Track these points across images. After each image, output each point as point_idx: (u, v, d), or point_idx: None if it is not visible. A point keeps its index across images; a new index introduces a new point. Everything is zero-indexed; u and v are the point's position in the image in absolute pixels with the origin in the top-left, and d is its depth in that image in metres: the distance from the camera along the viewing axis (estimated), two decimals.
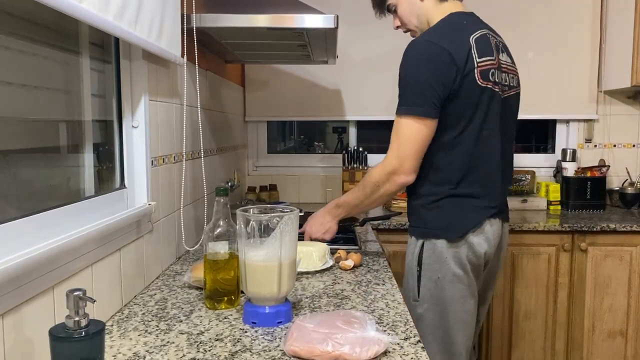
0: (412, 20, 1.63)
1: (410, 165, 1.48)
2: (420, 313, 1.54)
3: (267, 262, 1.16)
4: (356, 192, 1.62)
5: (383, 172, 1.51)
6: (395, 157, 1.49)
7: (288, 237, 1.17)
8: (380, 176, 1.52)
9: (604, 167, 2.97)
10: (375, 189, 1.55)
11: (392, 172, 1.49)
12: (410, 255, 1.58)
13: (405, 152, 1.47)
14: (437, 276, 1.52)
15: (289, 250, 1.18)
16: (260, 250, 1.16)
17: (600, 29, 2.99)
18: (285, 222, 1.16)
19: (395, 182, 1.50)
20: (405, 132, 1.46)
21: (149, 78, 1.46)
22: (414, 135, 1.46)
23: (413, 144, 1.47)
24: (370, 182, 1.55)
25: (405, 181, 1.50)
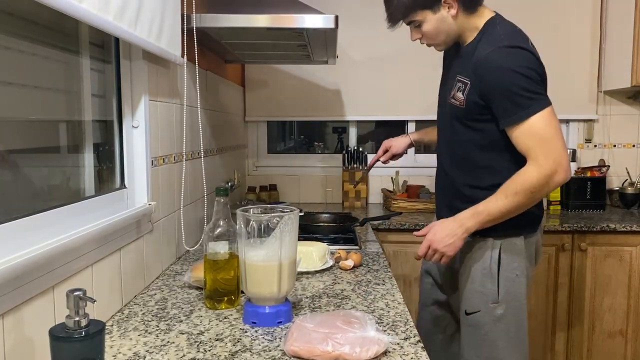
0: (439, 36, 1.54)
1: (566, 160, 1.42)
2: (501, 314, 1.53)
3: (267, 262, 1.16)
4: (502, 201, 1.44)
5: (542, 177, 1.40)
6: (549, 157, 1.40)
7: (288, 237, 1.17)
8: (539, 182, 1.41)
9: (604, 167, 2.97)
10: (530, 196, 1.43)
11: (551, 174, 1.40)
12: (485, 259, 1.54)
13: (556, 149, 1.41)
14: (516, 274, 1.54)
15: (289, 250, 1.18)
16: (260, 250, 1.16)
17: (600, 29, 2.98)
18: (285, 222, 1.16)
19: (556, 182, 1.42)
20: (545, 128, 1.40)
21: (149, 78, 1.46)
22: (554, 127, 1.41)
23: (557, 137, 1.41)
24: (524, 190, 1.42)
25: (565, 179, 1.43)
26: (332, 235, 2.08)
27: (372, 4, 2.93)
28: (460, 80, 1.52)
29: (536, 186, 1.41)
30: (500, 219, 1.46)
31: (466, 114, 1.52)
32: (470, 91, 1.48)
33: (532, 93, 1.40)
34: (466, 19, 1.51)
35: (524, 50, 1.43)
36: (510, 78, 1.40)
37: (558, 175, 1.40)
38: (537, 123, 1.40)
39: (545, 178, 1.40)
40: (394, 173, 3.00)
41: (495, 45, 1.44)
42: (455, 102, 1.55)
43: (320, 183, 3.17)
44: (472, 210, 1.48)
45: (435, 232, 1.52)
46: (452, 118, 1.58)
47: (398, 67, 3.03)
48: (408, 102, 3.05)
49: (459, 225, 1.49)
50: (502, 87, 1.41)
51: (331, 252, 1.74)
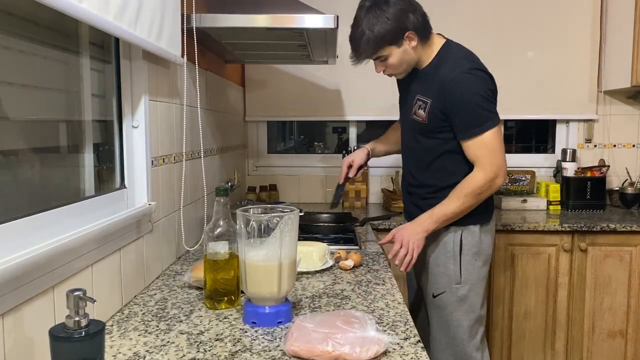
0: (402, 66, 1.74)
1: (505, 168, 1.71)
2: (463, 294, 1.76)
3: (267, 262, 1.16)
4: (455, 203, 1.70)
5: (486, 181, 1.67)
6: (494, 165, 1.67)
7: (288, 237, 1.17)
8: (484, 184, 1.68)
9: (604, 167, 2.97)
10: (478, 197, 1.70)
11: (493, 178, 1.68)
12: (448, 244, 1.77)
13: (500, 159, 1.68)
14: (475, 258, 1.77)
15: (289, 250, 1.18)
16: (260, 250, 1.16)
17: (600, 29, 2.98)
18: (285, 222, 1.16)
19: (497, 185, 1.70)
20: (494, 142, 1.67)
21: (149, 78, 1.46)
22: (500, 141, 1.69)
23: (501, 149, 1.70)
24: (473, 192, 1.69)
25: (502, 183, 1.72)
26: (332, 235, 2.08)
27: None
28: (421, 99, 1.75)
29: (482, 188, 1.68)
30: (454, 218, 1.72)
31: (427, 128, 1.75)
32: (432, 108, 1.71)
33: (489, 112, 1.66)
34: (422, 48, 1.72)
35: (484, 73, 1.68)
36: (474, 100, 1.65)
37: (498, 179, 1.69)
38: (488, 137, 1.66)
39: (489, 182, 1.68)
40: (394, 173, 3.00)
41: (460, 69, 1.66)
42: (417, 119, 1.77)
43: (320, 183, 3.17)
44: (430, 213, 1.73)
45: (402, 235, 1.73)
46: (414, 131, 1.81)
47: None
48: None
49: (419, 226, 1.73)
50: (466, 106, 1.65)
51: (331, 252, 1.74)
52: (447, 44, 1.76)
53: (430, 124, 1.74)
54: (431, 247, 1.80)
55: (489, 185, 1.69)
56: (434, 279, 1.80)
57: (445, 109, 1.69)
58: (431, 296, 1.80)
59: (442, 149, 1.76)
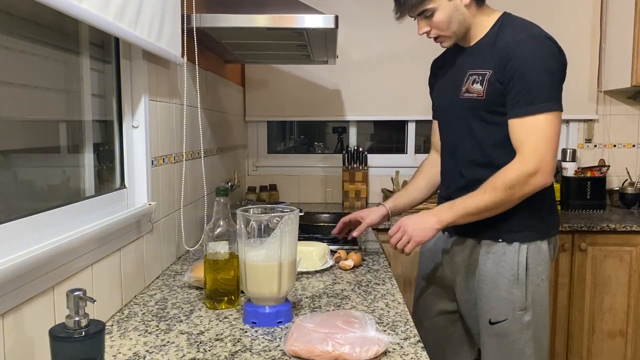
0: (452, 26, 1.47)
1: (553, 166, 1.40)
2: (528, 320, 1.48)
3: (267, 262, 1.16)
4: (481, 196, 1.41)
5: (521, 174, 1.37)
6: (536, 157, 1.37)
7: (288, 237, 1.17)
8: (519, 178, 1.37)
9: (604, 167, 2.97)
10: (509, 193, 1.39)
11: (532, 173, 1.37)
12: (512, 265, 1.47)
13: (547, 152, 1.38)
14: (541, 278, 1.50)
15: (289, 250, 1.18)
16: (260, 250, 1.16)
17: (600, 29, 2.99)
18: (285, 222, 1.16)
19: (534, 184, 1.38)
20: (547, 130, 1.37)
21: (149, 78, 1.46)
22: (557, 132, 1.39)
23: (554, 142, 1.39)
24: (503, 185, 1.39)
25: (544, 183, 1.39)
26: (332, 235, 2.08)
27: (372, 4, 2.95)
28: (476, 73, 1.47)
29: (515, 182, 1.37)
30: (478, 214, 1.43)
31: (486, 105, 1.45)
32: (491, 79, 1.43)
33: (552, 91, 1.38)
34: (475, 12, 1.48)
35: (554, 44, 1.42)
36: (538, 68, 1.37)
37: (539, 176, 1.37)
38: (541, 121, 1.37)
39: (525, 176, 1.37)
40: (394, 173, 3.00)
41: (527, 32, 1.41)
42: (471, 95, 1.48)
43: (320, 183, 3.17)
44: (449, 203, 1.46)
45: (410, 218, 1.49)
46: (467, 116, 1.50)
47: (398, 67, 3.03)
48: (408, 102, 3.05)
49: (433, 214, 1.47)
50: (527, 75, 1.37)
51: (331, 252, 1.74)
52: (507, 14, 1.51)
53: (489, 99, 1.44)
54: (488, 268, 1.50)
55: (525, 181, 1.37)
56: (491, 303, 1.50)
57: (505, 77, 1.40)
58: (487, 322, 1.51)
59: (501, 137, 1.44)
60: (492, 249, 1.50)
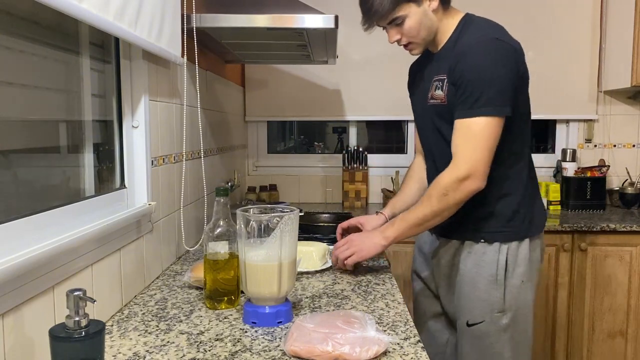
0: (421, 33, 1.47)
1: (484, 170, 1.38)
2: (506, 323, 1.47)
3: (267, 262, 1.16)
4: (418, 207, 1.44)
5: (453, 179, 1.37)
6: (468, 161, 1.37)
7: (288, 237, 1.17)
8: (450, 183, 1.38)
9: (604, 167, 2.97)
10: (442, 199, 1.39)
11: (464, 177, 1.37)
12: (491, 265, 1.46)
13: (480, 156, 1.37)
14: (522, 280, 1.47)
15: (289, 250, 1.18)
16: (260, 250, 1.16)
17: (600, 29, 2.98)
18: (285, 222, 1.16)
19: (466, 189, 1.38)
20: (483, 134, 1.36)
21: (149, 78, 1.46)
22: (493, 137, 1.37)
23: (490, 146, 1.37)
24: (437, 193, 1.40)
25: (477, 188, 1.38)
26: (332, 235, 2.08)
27: None
28: (438, 79, 1.48)
29: (448, 188, 1.38)
30: (420, 225, 1.45)
31: (449, 109, 1.44)
32: (448, 83, 1.43)
33: (495, 95, 1.35)
34: (442, 16, 1.47)
35: (510, 47, 1.38)
36: (483, 72, 1.35)
37: (470, 181, 1.37)
38: (476, 125, 1.36)
39: (457, 181, 1.37)
40: (394, 173, 3.00)
41: (480, 35, 1.39)
42: (435, 102, 1.49)
43: (320, 183, 3.17)
44: (393, 220, 1.51)
45: (359, 234, 1.54)
46: (434, 119, 1.52)
47: (398, 67, 3.01)
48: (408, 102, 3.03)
49: (379, 231, 1.51)
50: (471, 77, 1.36)
51: (331, 252, 1.74)
52: (468, 16, 1.49)
53: (450, 103, 1.44)
54: (468, 268, 1.49)
55: (457, 186, 1.37)
56: (469, 304, 1.49)
57: (455, 79, 1.40)
58: (464, 324, 1.50)
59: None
60: (473, 249, 1.49)
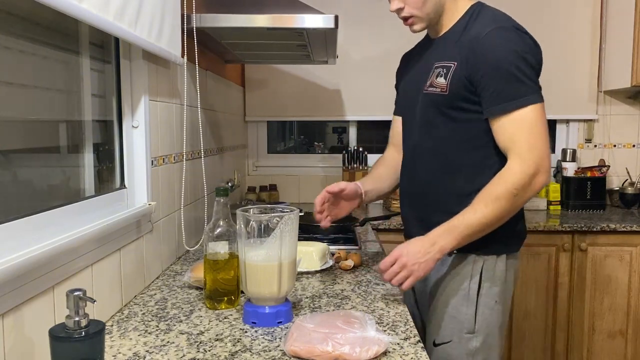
0: (427, 6, 1.35)
1: (549, 163, 1.28)
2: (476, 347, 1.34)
3: (267, 262, 1.16)
4: (483, 210, 1.25)
5: (524, 177, 1.24)
6: (534, 155, 1.25)
7: (288, 237, 1.17)
8: (522, 182, 1.24)
9: (604, 167, 2.97)
10: (513, 200, 1.25)
11: (534, 173, 1.24)
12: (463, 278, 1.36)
13: (544, 147, 1.26)
14: (495, 300, 1.36)
15: (289, 250, 1.18)
16: (260, 250, 1.16)
17: (600, 29, 2.98)
18: (285, 222, 1.16)
19: (537, 186, 1.26)
20: (537, 124, 1.25)
21: (149, 78, 1.46)
22: (545, 126, 1.27)
23: (546, 136, 1.27)
24: (507, 193, 1.24)
25: (545, 182, 1.27)
26: (332, 235, 2.08)
27: (372, 4, 2.95)
28: (441, 65, 1.35)
29: (519, 186, 1.24)
30: (480, 232, 1.27)
31: (449, 101, 1.33)
32: (456, 72, 1.30)
33: (532, 82, 1.26)
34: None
35: (527, 36, 1.30)
36: (513, 59, 1.25)
37: (540, 176, 1.25)
38: (528, 115, 1.25)
39: (528, 177, 1.24)
40: None
41: (496, 25, 1.29)
42: (434, 90, 1.35)
43: (320, 183, 3.17)
44: (447, 225, 1.27)
45: (405, 247, 1.29)
46: (427, 111, 1.38)
47: None
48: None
49: (431, 243, 1.26)
50: (502, 67, 1.25)
51: (331, 252, 1.74)
52: (480, 3, 1.38)
53: (451, 94, 1.32)
54: (439, 280, 1.39)
55: (528, 182, 1.24)
56: (438, 321, 1.38)
57: (474, 73, 1.28)
58: (432, 343, 1.39)
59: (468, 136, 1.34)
60: (446, 260, 1.37)
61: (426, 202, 1.43)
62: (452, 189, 1.37)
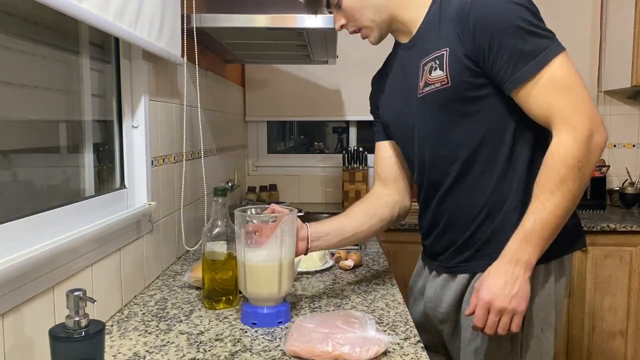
0: (367, 13, 1.22)
1: (600, 116, 1.05)
2: None
3: (267, 262, 1.16)
4: (552, 200, 1.04)
5: (578, 144, 1.02)
6: (582, 114, 1.03)
7: (288, 237, 1.17)
8: (578, 151, 1.01)
9: (604, 167, 2.97)
10: (580, 175, 1.03)
11: (589, 135, 1.02)
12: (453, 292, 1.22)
13: (587, 100, 1.04)
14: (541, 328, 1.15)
15: (289, 251, 1.18)
16: (261, 250, 1.16)
17: (600, 29, 2.98)
18: (286, 222, 1.15)
19: (598, 147, 1.03)
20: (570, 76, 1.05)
21: (149, 78, 1.46)
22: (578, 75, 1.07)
23: (584, 86, 1.06)
24: (570, 170, 1.02)
25: (606, 139, 1.05)
26: None
27: None
28: (431, 59, 1.15)
29: (580, 157, 1.01)
30: (559, 227, 1.06)
31: (454, 92, 1.13)
32: (455, 55, 1.11)
33: (546, 31, 1.06)
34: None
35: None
36: (517, 12, 1.05)
37: (597, 135, 1.03)
38: (559, 69, 1.04)
39: (585, 143, 1.01)
40: None
41: None
42: (434, 87, 1.15)
43: (320, 183, 3.17)
44: (520, 234, 1.06)
45: (489, 287, 1.07)
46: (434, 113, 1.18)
47: None
48: None
49: (514, 265, 1.06)
50: (509, 25, 1.04)
51: (331, 252, 1.74)
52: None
53: (455, 82, 1.12)
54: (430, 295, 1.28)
55: (587, 148, 1.02)
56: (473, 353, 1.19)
57: (477, 50, 1.08)
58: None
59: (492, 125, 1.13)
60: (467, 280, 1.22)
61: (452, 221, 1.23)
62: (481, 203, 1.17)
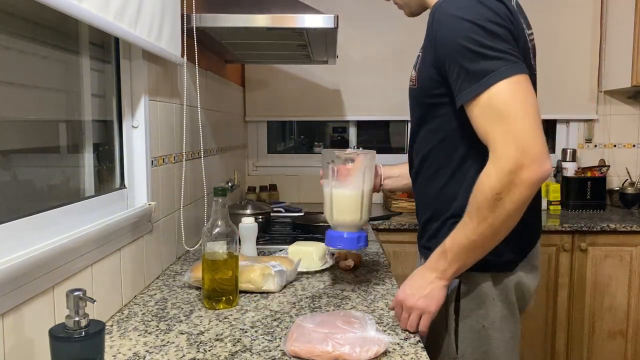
0: None
1: (539, 148, 0.97)
2: None
3: (353, 191, 1.32)
4: (468, 225, 1.04)
5: (501, 175, 0.97)
6: (511, 145, 0.97)
7: (369, 173, 1.34)
8: (500, 182, 0.98)
9: (604, 167, 2.97)
10: (498, 205, 0.99)
11: (515, 167, 0.96)
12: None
13: (524, 131, 0.97)
14: (482, 324, 1.16)
15: (369, 184, 1.35)
16: (347, 183, 1.33)
17: (600, 29, 2.99)
18: (369, 160, 1.33)
19: (526, 181, 0.97)
20: (513, 101, 0.98)
21: (149, 78, 1.46)
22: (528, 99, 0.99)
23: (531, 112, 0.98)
24: (486, 200, 1.00)
25: (542, 173, 0.97)
26: None
27: (372, 4, 2.95)
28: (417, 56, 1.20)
29: (499, 189, 0.98)
30: (477, 248, 1.06)
31: (420, 94, 1.16)
32: (424, 60, 1.12)
33: (499, 52, 0.99)
34: None
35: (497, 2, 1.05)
36: (466, 29, 1.00)
37: (526, 169, 0.96)
38: (500, 95, 0.98)
39: (506, 175, 0.97)
40: None
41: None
42: (411, 83, 1.20)
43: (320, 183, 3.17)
44: (441, 248, 1.10)
45: (404, 288, 1.15)
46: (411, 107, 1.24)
47: (398, 67, 3.02)
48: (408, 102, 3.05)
49: (431, 271, 1.11)
50: (455, 42, 1.02)
51: (331, 252, 1.74)
52: None
53: (420, 85, 1.15)
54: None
55: (509, 181, 0.97)
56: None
57: (437, 59, 1.07)
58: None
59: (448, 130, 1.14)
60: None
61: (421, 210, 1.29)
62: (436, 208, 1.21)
